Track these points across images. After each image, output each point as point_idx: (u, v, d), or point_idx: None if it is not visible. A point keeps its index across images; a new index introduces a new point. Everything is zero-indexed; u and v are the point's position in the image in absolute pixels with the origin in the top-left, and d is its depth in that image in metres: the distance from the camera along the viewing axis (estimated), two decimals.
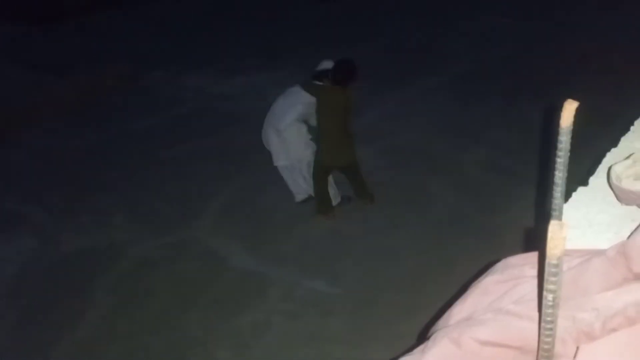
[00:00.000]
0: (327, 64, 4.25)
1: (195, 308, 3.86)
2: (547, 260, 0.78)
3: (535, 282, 1.01)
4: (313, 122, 4.37)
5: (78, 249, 4.40)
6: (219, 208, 4.82)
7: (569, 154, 0.92)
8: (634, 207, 1.36)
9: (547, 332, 0.83)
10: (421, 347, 1.12)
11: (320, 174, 4.44)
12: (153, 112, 6.78)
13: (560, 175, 0.92)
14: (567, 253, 1.10)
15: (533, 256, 1.08)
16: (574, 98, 0.93)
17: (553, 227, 0.77)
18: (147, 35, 8.06)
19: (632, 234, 1.11)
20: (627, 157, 1.37)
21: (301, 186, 4.68)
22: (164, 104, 7.01)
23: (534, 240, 1.05)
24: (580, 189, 1.47)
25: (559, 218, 0.97)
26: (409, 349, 1.21)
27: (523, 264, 1.09)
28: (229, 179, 5.20)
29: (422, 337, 1.23)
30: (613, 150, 1.62)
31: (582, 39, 6.79)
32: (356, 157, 4.49)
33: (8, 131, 6.06)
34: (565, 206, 1.41)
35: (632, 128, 1.72)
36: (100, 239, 4.51)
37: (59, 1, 9.09)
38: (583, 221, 1.35)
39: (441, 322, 1.19)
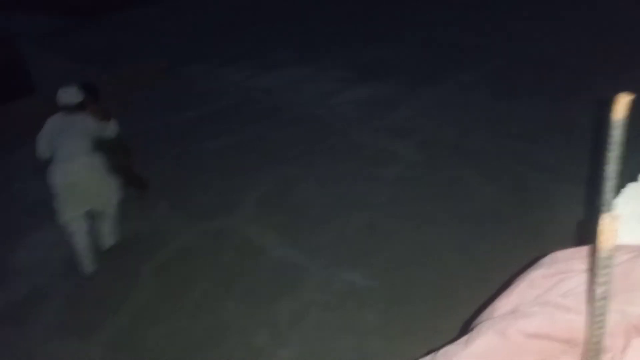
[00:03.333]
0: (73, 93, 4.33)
1: (233, 295, 3.95)
2: (598, 253, 0.78)
3: (583, 276, 1.00)
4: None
5: (123, 236, 4.56)
6: (257, 199, 4.90)
7: (621, 147, 0.91)
8: None
9: (597, 325, 0.83)
10: (464, 337, 1.13)
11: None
12: (193, 105, 6.93)
13: (611, 169, 0.91)
14: (617, 248, 1.09)
15: (581, 250, 1.08)
16: (617, 92, 0.92)
17: (604, 220, 0.77)
18: (185, 30, 8.23)
19: None
20: None
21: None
22: (203, 97, 7.15)
23: (582, 234, 1.05)
24: (630, 185, 1.45)
25: (609, 212, 0.97)
26: (451, 341, 1.22)
27: (571, 258, 1.09)
28: (267, 170, 5.27)
29: (465, 329, 1.24)
30: None
31: (619, 34, 6.56)
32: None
33: None
34: (614, 202, 1.39)
35: None
36: (143, 227, 4.66)
37: None
38: (632, 217, 1.33)
39: (485, 314, 1.20)
